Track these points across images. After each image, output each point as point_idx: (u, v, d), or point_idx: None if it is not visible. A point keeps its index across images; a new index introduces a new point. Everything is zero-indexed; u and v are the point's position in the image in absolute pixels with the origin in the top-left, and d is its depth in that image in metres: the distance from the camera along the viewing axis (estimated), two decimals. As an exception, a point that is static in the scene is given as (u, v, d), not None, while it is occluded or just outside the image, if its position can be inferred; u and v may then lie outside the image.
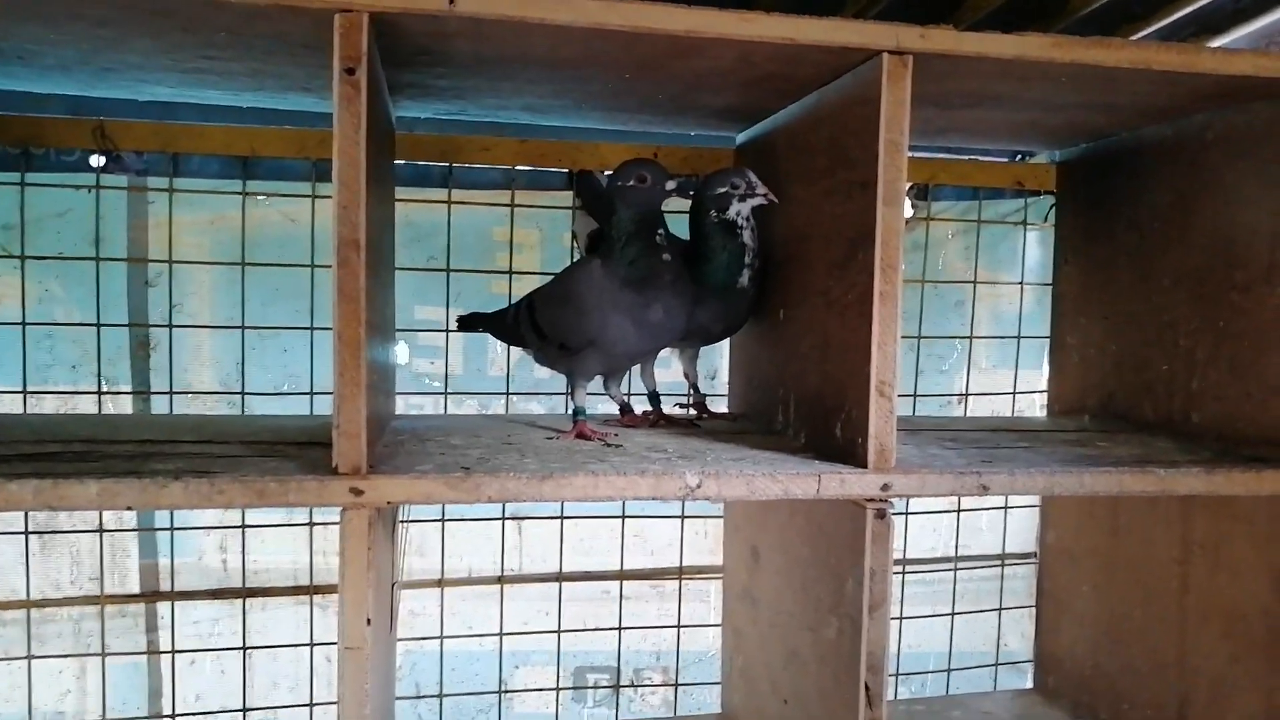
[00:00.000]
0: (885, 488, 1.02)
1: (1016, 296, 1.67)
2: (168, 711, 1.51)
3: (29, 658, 1.42)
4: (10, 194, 1.37)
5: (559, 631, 1.58)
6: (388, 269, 1.28)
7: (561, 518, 1.57)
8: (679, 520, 1.61)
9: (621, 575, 1.61)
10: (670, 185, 1.17)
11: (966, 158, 1.64)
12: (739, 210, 1.24)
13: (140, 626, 1.52)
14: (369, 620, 0.93)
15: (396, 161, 1.43)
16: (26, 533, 1.42)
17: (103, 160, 1.41)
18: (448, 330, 1.50)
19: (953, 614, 1.70)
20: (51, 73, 1.22)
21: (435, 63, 1.09)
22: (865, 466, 1.02)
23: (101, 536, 1.46)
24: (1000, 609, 1.75)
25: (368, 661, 0.93)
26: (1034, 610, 1.64)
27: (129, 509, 0.89)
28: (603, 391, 1.28)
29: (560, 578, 1.59)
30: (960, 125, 1.40)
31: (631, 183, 1.16)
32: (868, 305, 1.01)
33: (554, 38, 0.97)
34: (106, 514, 1.45)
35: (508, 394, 1.54)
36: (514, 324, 1.28)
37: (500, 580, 1.57)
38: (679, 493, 0.99)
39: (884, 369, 1.01)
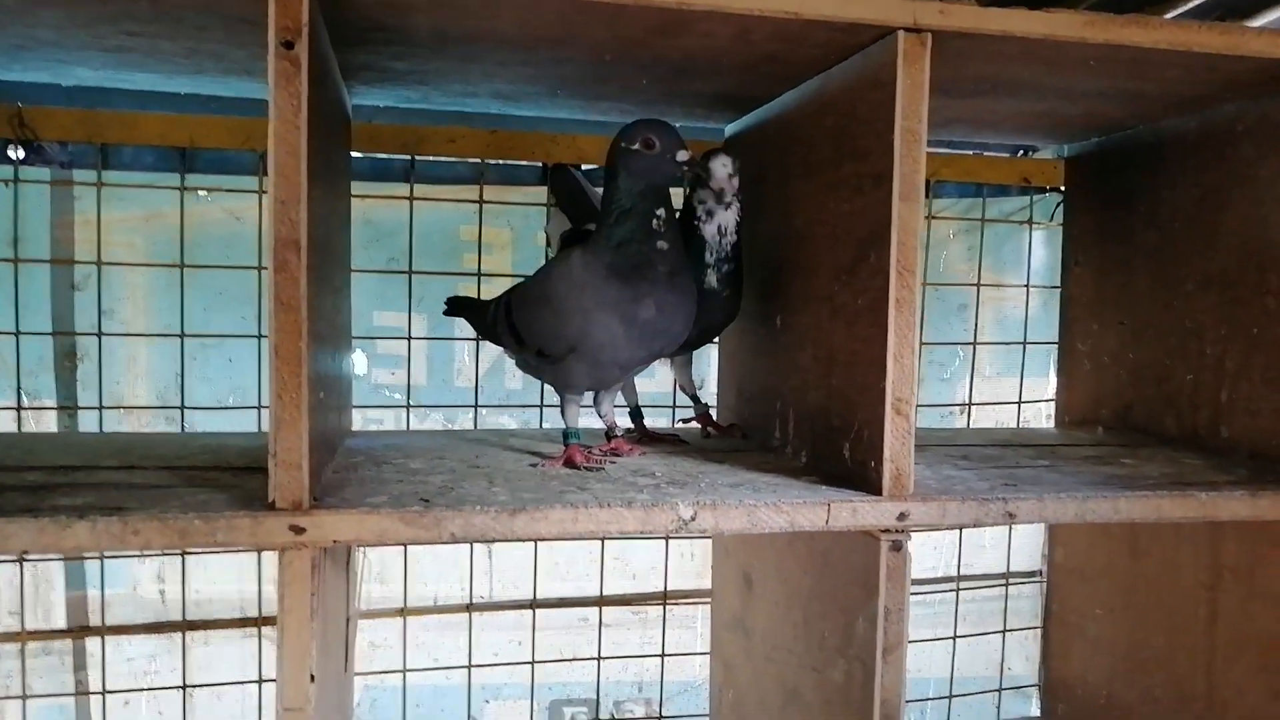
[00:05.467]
0: (902, 517, 0.91)
1: (1022, 300, 1.56)
2: (100, 758, 1.38)
3: (-58, 703, 1.28)
4: (-81, 188, 1.23)
5: (533, 662, 1.46)
6: (340, 271, 1.15)
7: (535, 540, 1.44)
8: (663, 542, 1.49)
9: (601, 601, 1.49)
10: (682, 156, 0.99)
11: (970, 152, 1.52)
12: (702, 199, 1.12)
13: (67, 665, 1.36)
14: (312, 677, 0.81)
15: (354, 154, 1.30)
16: (-62, 564, 1.28)
17: (22, 152, 1.26)
18: (410, 338, 1.38)
19: (954, 637, 1.60)
20: (-43, 51, 1.08)
21: (392, 41, 0.97)
22: (879, 493, 0.91)
23: (22, 566, 1.31)
24: (1004, 631, 1.64)
25: (312, 726, 0.81)
26: (1040, 632, 1.54)
27: (24, 554, 0.75)
28: (590, 406, 1.13)
29: (535, 605, 1.47)
30: (967, 115, 1.29)
31: (636, 147, 0.99)
32: (882, 313, 0.90)
33: (526, 12, 0.86)
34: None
35: (476, 406, 1.41)
36: (493, 323, 1.13)
37: (469, 608, 1.44)
38: (671, 526, 0.87)
39: (901, 384, 0.90)
